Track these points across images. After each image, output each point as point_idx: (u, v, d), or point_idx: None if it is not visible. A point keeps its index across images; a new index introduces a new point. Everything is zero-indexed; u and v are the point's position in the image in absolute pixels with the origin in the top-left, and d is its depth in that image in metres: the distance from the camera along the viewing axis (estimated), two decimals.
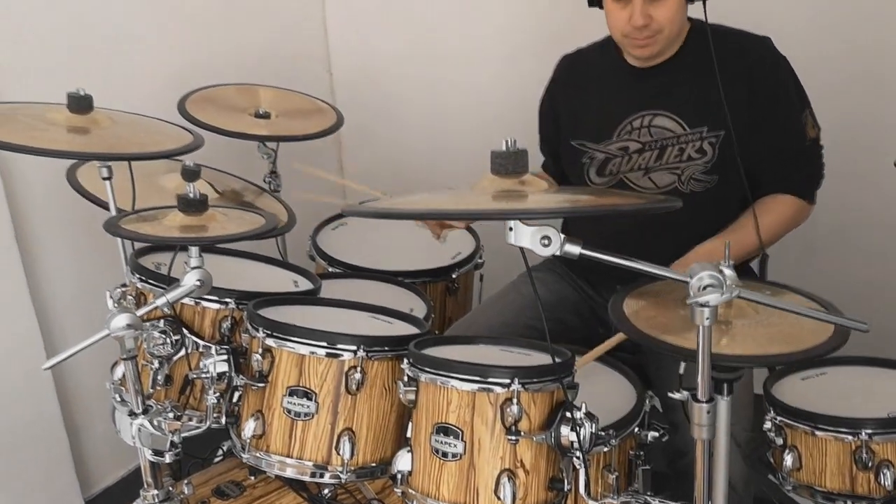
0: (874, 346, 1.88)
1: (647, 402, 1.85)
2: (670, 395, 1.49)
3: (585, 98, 2.20)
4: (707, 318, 1.35)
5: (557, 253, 1.34)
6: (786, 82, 2.05)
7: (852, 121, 2.62)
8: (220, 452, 2.06)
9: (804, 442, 1.69)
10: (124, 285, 1.90)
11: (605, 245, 2.13)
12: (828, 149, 2.11)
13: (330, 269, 2.49)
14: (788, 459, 1.70)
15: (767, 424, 1.74)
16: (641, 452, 1.82)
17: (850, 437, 1.63)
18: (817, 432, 1.67)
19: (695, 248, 1.95)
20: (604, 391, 1.89)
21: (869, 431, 1.62)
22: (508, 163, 1.37)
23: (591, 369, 1.95)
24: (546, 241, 1.34)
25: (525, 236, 1.33)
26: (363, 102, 3.32)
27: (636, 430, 1.80)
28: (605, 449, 1.70)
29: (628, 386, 1.92)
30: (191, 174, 2.21)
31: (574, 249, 1.35)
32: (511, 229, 1.33)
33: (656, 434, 1.82)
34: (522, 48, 2.99)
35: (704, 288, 1.34)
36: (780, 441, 1.72)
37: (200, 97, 2.56)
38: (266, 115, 2.60)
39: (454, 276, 2.49)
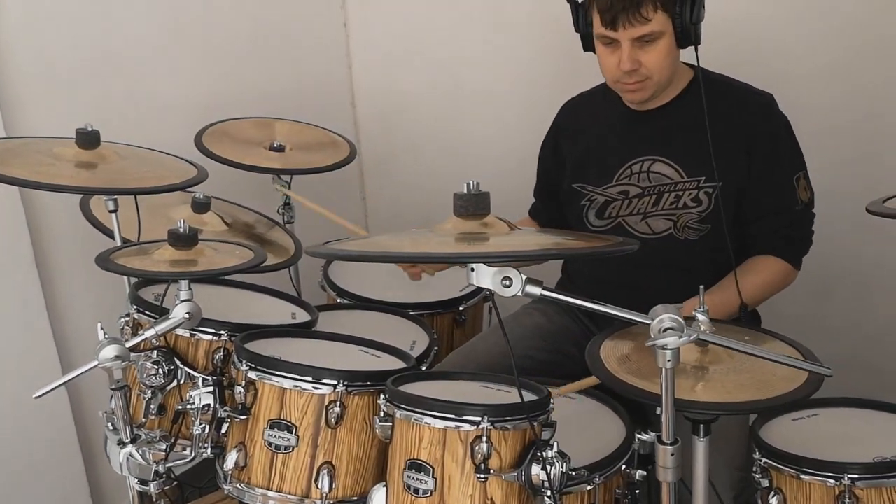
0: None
1: (637, 440, 1.84)
2: (638, 435, 1.49)
3: (587, 141, 2.22)
4: (669, 361, 1.36)
5: (519, 294, 1.36)
6: (782, 142, 2.06)
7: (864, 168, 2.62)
8: None
9: (789, 485, 1.66)
10: (128, 314, 1.97)
11: (602, 287, 2.15)
12: (839, 195, 2.11)
13: (339, 300, 2.52)
14: (773, 502, 1.67)
15: (755, 466, 1.72)
16: (628, 491, 1.80)
17: (832, 482, 1.60)
18: (802, 476, 1.63)
19: (684, 302, 1.95)
20: (595, 429, 1.88)
21: (853, 476, 1.58)
22: (470, 205, 1.39)
23: (582, 407, 1.95)
24: (507, 282, 1.35)
25: (486, 277, 1.35)
26: (386, 134, 3.37)
27: (623, 468, 1.79)
28: (588, 487, 1.70)
29: (619, 424, 1.91)
30: (201, 206, 2.30)
31: (535, 290, 1.36)
32: (472, 270, 1.35)
33: (644, 473, 1.81)
34: (543, 86, 3.01)
35: (665, 330, 1.34)
36: (765, 483, 1.70)
37: (217, 130, 2.63)
38: (280, 148, 2.66)
39: (462, 307, 2.51)
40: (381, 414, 1.59)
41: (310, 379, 1.67)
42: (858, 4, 2.57)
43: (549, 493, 1.50)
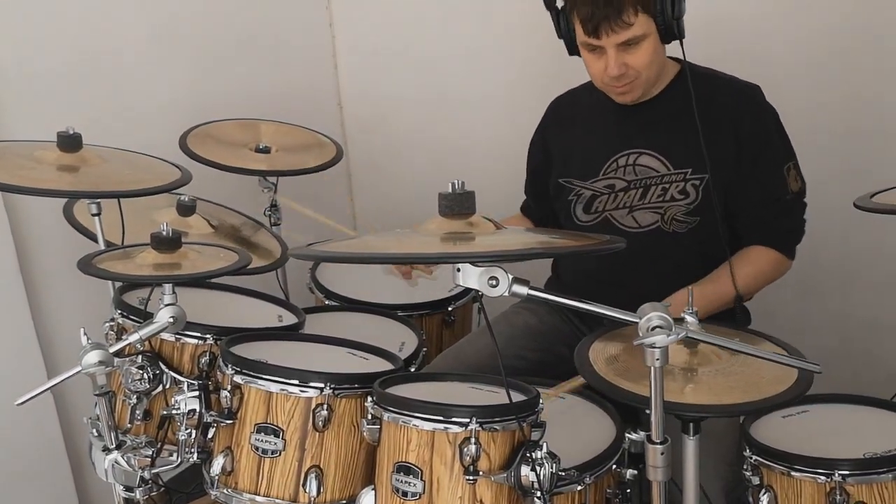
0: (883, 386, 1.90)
1: (627, 438, 1.83)
2: (628, 434, 1.48)
3: (574, 136, 2.21)
4: (657, 359, 1.34)
5: (506, 294, 1.35)
6: (770, 133, 2.05)
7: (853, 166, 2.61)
8: None
9: (780, 482, 1.65)
10: (113, 319, 1.94)
11: (591, 284, 2.14)
12: (830, 192, 2.10)
13: (327, 303, 2.51)
14: (764, 500, 1.66)
15: (745, 464, 1.71)
16: (619, 491, 1.79)
17: (823, 479, 1.60)
18: (793, 473, 1.63)
19: (671, 296, 1.94)
20: (585, 428, 1.87)
21: (843, 472, 1.58)
22: (455, 204, 1.38)
23: (572, 406, 1.93)
24: (494, 282, 1.34)
25: (472, 277, 1.33)
26: (373, 135, 3.35)
27: (614, 467, 1.77)
28: (579, 488, 1.68)
29: (609, 423, 1.90)
30: (186, 209, 2.28)
31: (522, 290, 1.35)
32: (459, 270, 1.34)
33: (635, 472, 1.80)
34: (531, 88, 3.00)
35: (653, 329, 1.33)
36: (756, 481, 1.69)
37: (202, 132, 2.61)
38: (266, 150, 2.63)
39: (451, 308, 2.50)
40: (369, 416, 1.58)
41: (296, 382, 1.65)
42: (849, 2, 2.57)
43: (538, 493, 1.49)
